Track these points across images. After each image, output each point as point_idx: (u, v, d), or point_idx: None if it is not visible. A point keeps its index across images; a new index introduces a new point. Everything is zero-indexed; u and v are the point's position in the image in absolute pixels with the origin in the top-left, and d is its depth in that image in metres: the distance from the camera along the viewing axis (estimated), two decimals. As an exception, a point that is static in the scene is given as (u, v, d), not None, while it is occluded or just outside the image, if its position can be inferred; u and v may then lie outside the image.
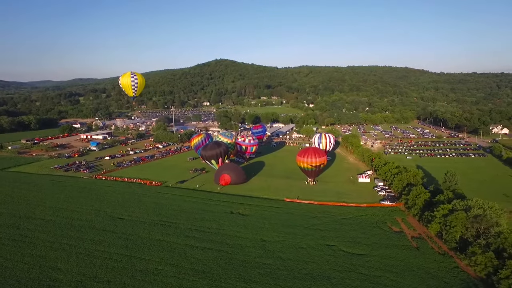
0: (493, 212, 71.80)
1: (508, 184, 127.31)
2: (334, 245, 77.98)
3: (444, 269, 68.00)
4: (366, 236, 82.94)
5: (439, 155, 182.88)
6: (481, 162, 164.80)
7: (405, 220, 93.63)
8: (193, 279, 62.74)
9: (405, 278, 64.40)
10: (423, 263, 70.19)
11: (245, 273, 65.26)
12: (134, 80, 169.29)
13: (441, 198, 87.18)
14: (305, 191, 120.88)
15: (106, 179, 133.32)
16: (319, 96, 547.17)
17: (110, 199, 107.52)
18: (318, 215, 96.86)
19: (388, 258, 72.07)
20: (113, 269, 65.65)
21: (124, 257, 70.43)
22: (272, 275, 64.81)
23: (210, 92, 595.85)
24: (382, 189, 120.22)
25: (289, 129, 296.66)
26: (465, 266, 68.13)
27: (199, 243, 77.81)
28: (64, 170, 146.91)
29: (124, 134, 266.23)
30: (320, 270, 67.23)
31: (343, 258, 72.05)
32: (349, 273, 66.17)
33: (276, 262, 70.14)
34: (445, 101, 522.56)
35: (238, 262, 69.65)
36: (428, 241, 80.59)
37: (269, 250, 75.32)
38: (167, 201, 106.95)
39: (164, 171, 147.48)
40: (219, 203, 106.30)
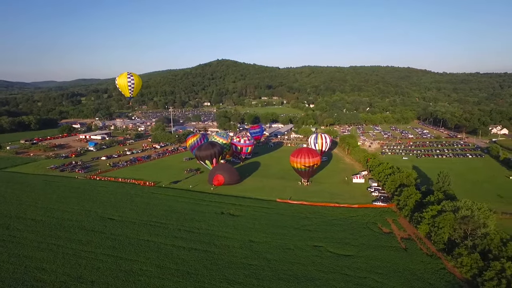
0: (481, 213, 71.15)
1: (503, 185, 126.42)
2: (321, 246, 77.66)
3: (430, 270, 67.47)
4: (355, 237, 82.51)
5: (437, 155, 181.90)
6: (478, 162, 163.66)
7: (396, 221, 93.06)
8: (176, 280, 62.69)
9: (390, 279, 63.97)
10: (410, 264, 69.66)
11: (229, 274, 65.12)
12: (131, 81, 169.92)
13: (431, 199, 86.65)
14: (298, 191, 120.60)
15: (100, 180, 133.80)
16: (320, 96, 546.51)
17: (102, 200, 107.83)
18: (309, 216, 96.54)
19: (375, 259, 71.62)
20: (98, 269, 65.75)
21: (110, 258, 70.53)
22: (256, 276, 64.63)
23: (211, 93, 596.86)
24: (376, 190, 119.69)
25: (288, 129, 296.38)
26: (452, 268, 67.58)
27: (186, 244, 77.80)
28: (60, 170, 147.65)
29: (123, 135, 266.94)
30: (305, 271, 66.93)
31: (329, 259, 71.70)
32: (334, 274, 65.83)
33: (261, 263, 69.94)
34: (447, 101, 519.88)
35: (224, 263, 69.54)
36: (417, 242, 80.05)
37: (256, 251, 75.14)
38: (158, 201, 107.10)
39: (159, 171, 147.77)
40: (210, 203, 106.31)
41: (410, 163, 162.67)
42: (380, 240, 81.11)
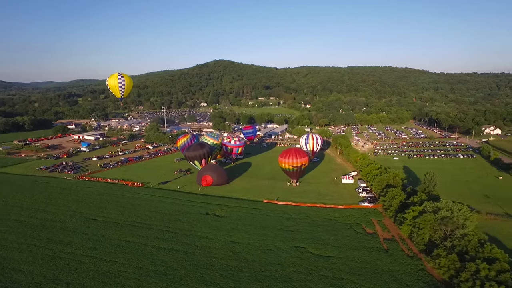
0: (461, 214, 71.06)
1: (491, 185, 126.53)
2: (303, 247, 77.54)
3: (409, 271, 67.39)
4: (337, 238, 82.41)
5: (429, 156, 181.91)
6: (469, 162, 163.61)
7: (381, 222, 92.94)
8: (153, 281, 62.55)
9: (368, 280, 63.88)
10: (389, 265, 69.58)
11: (207, 275, 65.00)
12: (121, 82, 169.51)
13: (415, 199, 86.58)
14: (286, 192, 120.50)
15: (89, 180, 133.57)
16: (317, 96, 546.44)
17: (88, 200, 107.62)
18: (294, 217, 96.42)
19: (354, 260, 71.53)
20: (75, 270, 65.59)
21: (89, 259, 70.38)
22: (234, 277, 64.50)
23: (208, 93, 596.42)
24: (364, 190, 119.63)
25: (283, 130, 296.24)
26: (431, 269, 67.51)
27: (167, 245, 77.64)
28: (49, 171, 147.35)
29: (117, 135, 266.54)
30: (283, 272, 66.80)
31: (309, 260, 71.57)
32: (312, 275, 65.71)
33: (241, 264, 69.82)
34: (443, 101, 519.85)
35: (203, 264, 69.41)
36: (400, 243, 79.98)
37: (236, 252, 75.00)
38: (144, 202, 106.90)
39: (149, 172, 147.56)
40: (196, 204, 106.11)
41: (400, 163, 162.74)
42: (362, 241, 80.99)
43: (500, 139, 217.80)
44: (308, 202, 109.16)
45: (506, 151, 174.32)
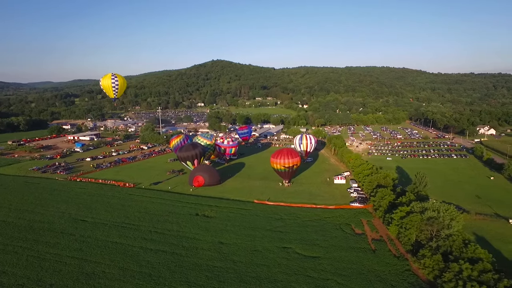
0: (447, 215, 71.07)
1: (482, 185, 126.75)
2: (290, 248, 77.40)
3: (395, 272, 67.35)
4: (325, 239, 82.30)
5: (422, 156, 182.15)
6: (462, 163, 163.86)
7: (370, 222, 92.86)
8: (137, 282, 62.32)
9: (353, 281, 63.78)
10: (375, 266, 69.51)
11: (192, 276, 64.78)
12: (115, 82, 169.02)
13: (403, 200, 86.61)
14: (278, 192, 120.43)
15: (80, 181, 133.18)
16: (314, 97, 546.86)
17: (78, 201, 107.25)
18: (284, 217, 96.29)
19: (341, 261, 71.42)
20: (60, 272, 65.29)
21: (75, 260, 70.07)
22: (219, 279, 64.32)
23: (205, 93, 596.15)
24: (355, 191, 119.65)
25: (278, 130, 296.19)
26: (417, 269, 67.49)
27: (154, 246, 77.40)
28: (42, 171, 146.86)
29: (112, 135, 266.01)
30: (269, 273, 66.65)
31: (296, 261, 71.44)
32: (297, 276, 65.59)
33: (227, 265, 69.62)
34: (440, 101, 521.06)
35: (189, 265, 69.19)
36: (388, 243, 79.93)
37: (223, 253, 74.80)
38: (135, 203, 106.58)
39: (142, 172, 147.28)
40: (187, 205, 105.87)
41: (394, 163, 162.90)
42: (350, 242, 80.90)
43: (494, 139, 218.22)
44: (299, 202, 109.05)
45: (499, 151, 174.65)
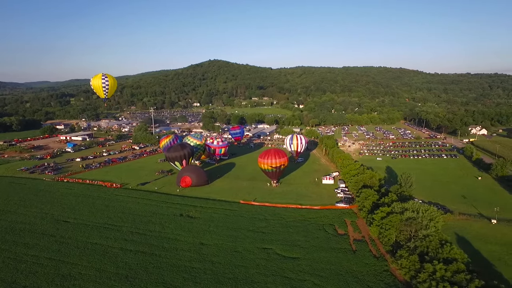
0: (427, 215, 71.05)
1: (469, 185, 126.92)
2: (271, 249, 77.22)
3: (373, 272, 67.27)
4: (307, 239, 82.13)
5: (413, 156, 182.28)
6: (451, 163, 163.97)
7: (354, 223, 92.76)
8: (112, 284, 62.03)
9: (329, 282, 63.67)
10: (354, 266, 69.42)
11: (168, 278, 64.52)
12: (105, 82, 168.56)
13: (385, 200, 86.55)
14: (265, 193, 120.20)
15: (68, 181, 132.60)
16: (310, 96, 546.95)
17: (63, 202, 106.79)
18: (268, 218, 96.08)
19: (320, 261, 71.29)
20: (35, 274, 64.93)
21: (52, 262, 69.71)
22: (195, 280, 64.08)
23: (201, 93, 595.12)
24: (342, 191, 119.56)
25: (272, 130, 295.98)
26: (394, 270, 67.47)
27: (134, 247, 77.10)
28: (29, 172, 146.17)
29: (105, 136, 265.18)
30: (246, 274, 66.48)
31: (275, 262, 71.28)
32: (274, 277, 65.43)
33: (205, 266, 69.39)
34: (436, 101, 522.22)
35: (167, 266, 68.92)
36: (369, 244, 79.86)
37: (203, 254, 74.59)
38: (119, 203, 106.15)
39: (131, 173, 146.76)
40: (172, 205, 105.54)
41: (384, 163, 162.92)
42: (332, 242, 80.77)
43: (485, 139, 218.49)
44: (285, 203, 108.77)
45: (489, 151, 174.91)
